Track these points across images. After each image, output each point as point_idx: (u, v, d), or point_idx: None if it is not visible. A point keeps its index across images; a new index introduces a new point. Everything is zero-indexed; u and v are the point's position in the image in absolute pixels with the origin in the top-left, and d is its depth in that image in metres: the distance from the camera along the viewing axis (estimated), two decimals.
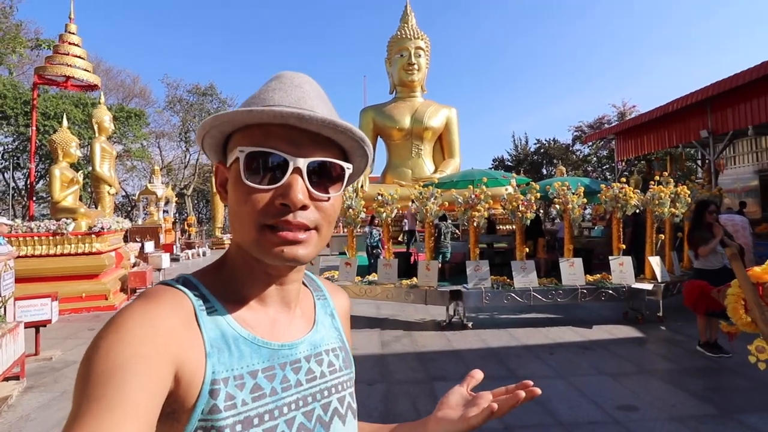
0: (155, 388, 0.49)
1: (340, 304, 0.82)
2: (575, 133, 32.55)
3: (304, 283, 0.78)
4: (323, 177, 0.62)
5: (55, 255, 7.88)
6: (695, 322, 5.09)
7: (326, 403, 0.66)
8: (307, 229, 0.60)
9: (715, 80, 11.18)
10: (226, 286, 0.65)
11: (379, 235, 9.25)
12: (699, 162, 18.52)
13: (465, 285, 6.29)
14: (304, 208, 0.59)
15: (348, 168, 0.65)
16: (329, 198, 0.62)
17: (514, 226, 6.88)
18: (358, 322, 6.58)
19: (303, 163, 0.59)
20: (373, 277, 6.91)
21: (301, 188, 0.58)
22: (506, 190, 6.92)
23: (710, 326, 4.87)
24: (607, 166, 30.38)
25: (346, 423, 0.68)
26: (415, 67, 19.66)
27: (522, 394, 0.66)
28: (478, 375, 0.75)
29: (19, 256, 7.15)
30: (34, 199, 13.04)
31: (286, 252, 0.58)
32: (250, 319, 0.63)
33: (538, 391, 0.67)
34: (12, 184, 24.07)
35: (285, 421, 0.60)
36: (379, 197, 6.78)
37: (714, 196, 8.44)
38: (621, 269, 6.36)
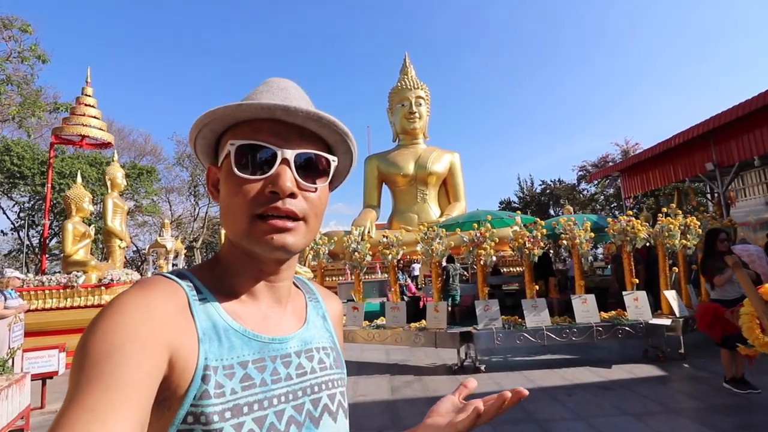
0: (152, 370, 0.50)
1: (333, 308, 0.83)
2: (579, 173, 32.73)
3: (296, 285, 0.80)
4: (310, 169, 0.65)
5: (65, 308, 7.91)
6: (719, 359, 4.87)
7: (316, 399, 0.66)
8: (295, 218, 0.62)
9: (716, 113, 11.31)
10: (219, 280, 0.66)
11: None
12: (709, 196, 18.40)
13: (475, 326, 6.13)
14: (292, 196, 0.62)
15: (333, 161, 0.68)
16: (316, 189, 0.65)
17: (522, 268, 6.79)
18: (367, 368, 6.40)
19: (290, 154, 0.62)
20: (381, 321, 6.79)
21: (289, 177, 0.61)
22: (512, 228, 6.88)
23: (736, 361, 4.65)
24: (615, 204, 30.27)
25: (336, 420, 0.68)
26: (416, 115, 20.21)
27: (507, 394, 0.65)
28: (471, 384, 0.75)
29: (29, 310, 7.18)
30: (47, 255, 13.22)
31: (275, 239, 0.61)
32: (241, 312, 0.64)
33: (525, 392, 0.66)
34: (27, 242, 24.48)
35: (275, 412, 0.60)
36: (384, 239, 6.78)
37: (726, 227, 8.31)
38: (636, 305, 6.18)
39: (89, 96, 10.97)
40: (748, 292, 2.04)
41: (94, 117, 10.77)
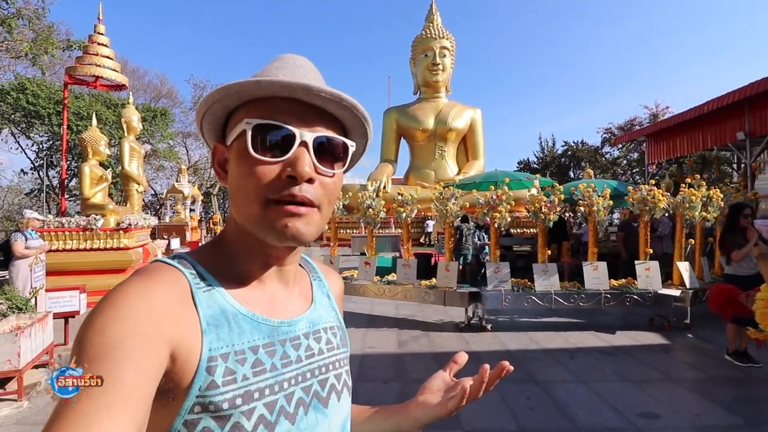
0: (151, 368, 0.48)
1: (335, 286, 0.83)
2: (604, 135, 31.85)
3: (300, 264, 0.78)
4: (328, 153, 0.62)
5: (84, 249, 8.17)
6: (724, 331, 4.88)
7: (323, 379, 0.67)
8: (310, 204, 0.60)
9: (753, 80, 10.74)
10: (223, 264, 0.64)
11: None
12: (735, 166, 17.82)
13: (484, 287, 6.21)
14: (310, 181, 0.59)
15: (352, 146, 0.65)
16: (333, 174, 0.63)
17: (536, 230, 6.76)
18: (376, 321, 6.57)
19: (310, 137, 0.59)
20: (392, 276, 6.90)
21: (308, 161, 0.58)
22: (529, 192, 6.80)
23: (740, 335, 4.66)
24: (637, 169, 29.55)
25: (341, 399, 0.69)
26: (440, 67, 19.52)
27: (487, 366, 0.69)
28: (461, 359, 0.77)
29: (50, 250, 7.43)
30: (66, 196, 13.51)
31: (290, 227, 0.58)
32: (248, 297, 0.63)
33: (510, 367, 0.69)
34: (46, 182, 25.04)
35: (284, 395, 0.60)
36: (399, 197, 6.76)
37: (749, 200, 8.09)
38: (647, 274, 6.16)
39: (102, 35, 10.70)
40: None
41: (108, 57, 10.55)
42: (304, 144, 0.59)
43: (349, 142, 0.65)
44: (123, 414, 0.44)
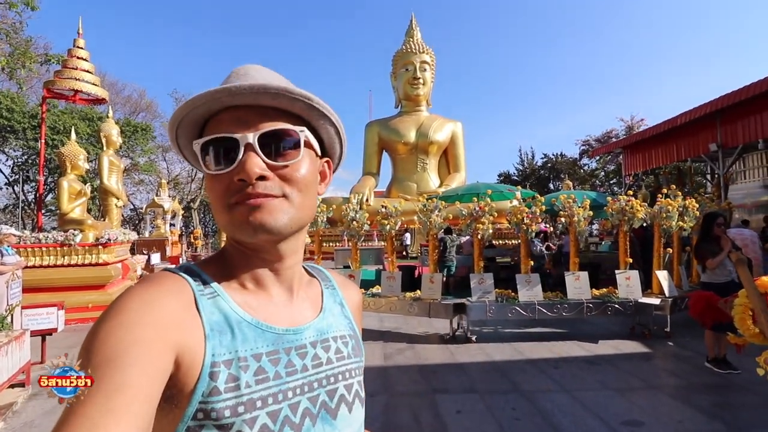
0: (156, 373, 0.49)
1: (350, 296, 0.82)
2: (582, 147, 32.57)
3: (311, 273, 0.79)
4: (278, 146, 0.62)
5: (62, 266, 7.95)
6: (703, 338, 5.00)
7: (332, 390, 0.66)
8: (271, 197, 0.60)
9: (725, 92, 11.13)
10: (227, 272, 0.65)
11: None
12: (708, 176, 18.40)
13: (469, 298, 6.24)
14: (264, 179, 0.60)
15: (301, 131, 0.64)
16: (287, 165, 0.62)
17: (517, 241, 6.84)
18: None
19: (252, 137, 0.60)
20: (376, 289, 6.88)
21: (255, 162, 0.59)
22: (511, 203, 6.90)
23: (719, 342, 4.78)
24: (615, 180, 30.29)
25: (352, 410, 0.68)
26: (420, 81, 19.76)
27: None
28: None
29: (27, 267, 7.22)
30: (43, 211, 13.17)
31: (251, 220, 0.59)
32: (253, 303, 0.63)
33: None
34: (22, 198, 24.39)
35: (289, 405, 0.59)
36: (383, 209, 6.78)
37: (723, 210, 8.34)
38: (628, 283, 6.28)
39: (81, 48, 10.60)
40: (747, 288, 2.07)
41: (87, 71, 10.45)
42: (249, 147, 0.59)
43: (297, 128, 0.63)
44: (128, 419, 0.44)
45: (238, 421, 0.54)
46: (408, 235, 17.32)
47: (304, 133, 0.65)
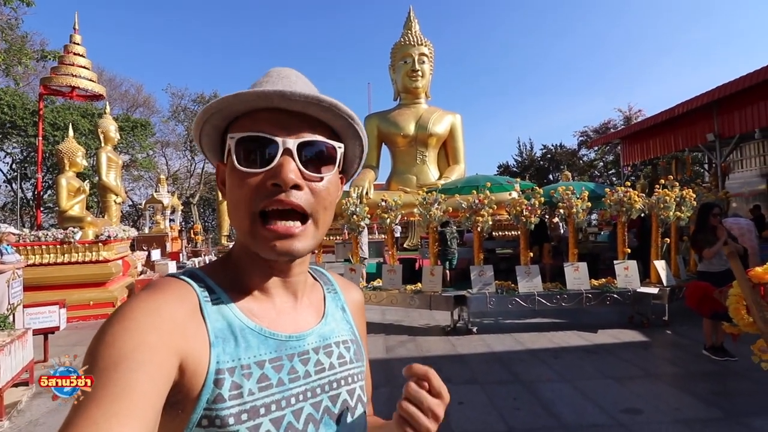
0: (160, 378, 0.49)
1: (352, 299, 0.82)
2: (581, 138, 32.50)
3: (314, 277, 0.79)
4: (315, 157, 0.62)
5: (62, 263, 7.98)
6: (701, 327, 5.06)
7: (335, 395, 0.66)
8: (303, 214, 0.60)
9: (722, 83, 11.14)
10: (232, 278, 0.65)
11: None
12: (706, 166, 18.43)
13: (469, 290, 6.29)
14: (297, 188, 0.59)
15: (339, 147, 0.65)
16: (322, 178, 0.63)
17: (517, 232, 6.87)
18: None
19: (293, 143, 0.60)
20: (377, 282, 6.93)
21: (292, 168, 0.59)
22: (510, 195, 6.92)
23: (716, 330, 4.83)
24: (613, 171, 30.28)
25: (355, 415, 0.68)
26: (419, 73, 19.64)
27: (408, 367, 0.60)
28: (411, 371, 0.59)
29: (27, 265, 7.24)
30: (42, 208, 13.18)
31: (278, 247, 0.59)
32: (256, 310, 0.64)
33: (418, 371, 0.59)
34: (20, 195, 24.34)
35: (292, 411, 0.60)
36: (383, 203, 6.80)
37: (720, 200, 8.38)
38: (626, 273, 6.33)
39: (78, 44, 10.51)
40: (739, 280, 2.10)
41: (84, 67, 10.39)
42: (287, 151, 0.59)
43: (336, 144, 0.64)
44: (132, 422, 0.44)
45: (242, 429, 0.55)
46: (398, 228, 17.29)
47: (341, 150, 0.65)
